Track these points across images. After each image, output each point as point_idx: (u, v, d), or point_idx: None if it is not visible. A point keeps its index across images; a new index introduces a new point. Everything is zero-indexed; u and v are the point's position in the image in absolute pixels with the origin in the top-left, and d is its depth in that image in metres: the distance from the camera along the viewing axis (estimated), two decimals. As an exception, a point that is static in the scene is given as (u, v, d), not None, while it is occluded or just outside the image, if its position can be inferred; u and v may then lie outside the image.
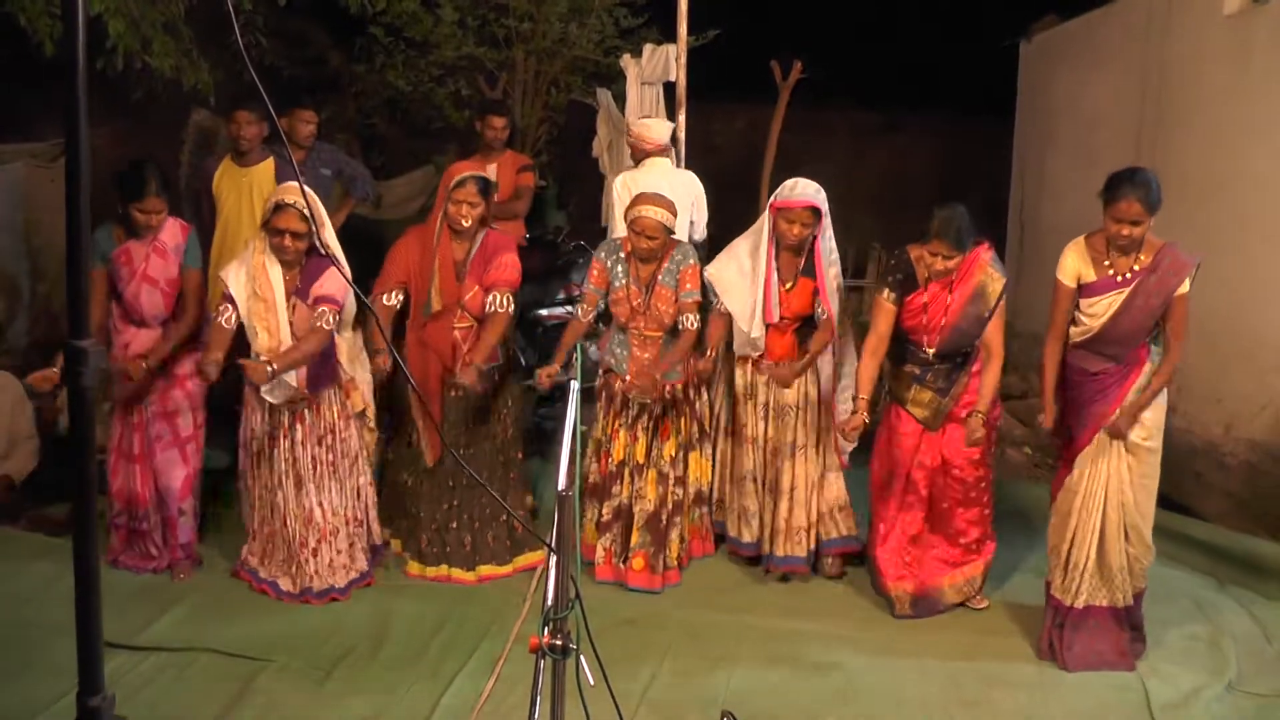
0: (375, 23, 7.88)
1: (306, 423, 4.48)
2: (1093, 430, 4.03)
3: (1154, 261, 3.90)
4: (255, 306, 4.34)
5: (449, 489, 4.77)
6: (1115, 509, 4.02)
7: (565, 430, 2.28)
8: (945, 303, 4.28)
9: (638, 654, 4.02)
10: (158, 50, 5.86)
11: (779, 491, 4.74)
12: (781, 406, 4.74)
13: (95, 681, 1.80)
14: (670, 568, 4.73)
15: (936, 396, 4.37)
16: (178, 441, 4.65)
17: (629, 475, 4.75)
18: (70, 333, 1.75)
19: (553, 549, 2.17)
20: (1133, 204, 3.82)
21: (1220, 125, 6.35)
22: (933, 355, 4.34)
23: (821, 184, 4.59)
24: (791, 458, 4.73)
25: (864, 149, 12.03)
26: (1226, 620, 4.43)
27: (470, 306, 4.63)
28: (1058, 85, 9.02)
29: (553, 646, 2.18)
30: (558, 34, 8.32)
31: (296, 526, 4.46)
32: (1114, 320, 3.93)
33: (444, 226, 4.63)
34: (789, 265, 4.68)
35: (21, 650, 3.93)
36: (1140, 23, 7.53)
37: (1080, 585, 4.07)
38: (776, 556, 4.76)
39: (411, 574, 4.73)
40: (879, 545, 4.54)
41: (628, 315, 4.71)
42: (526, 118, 8.52)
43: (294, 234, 4.29)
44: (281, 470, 4.47)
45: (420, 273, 4.64)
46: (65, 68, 1.66)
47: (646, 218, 4.55)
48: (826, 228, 4.61)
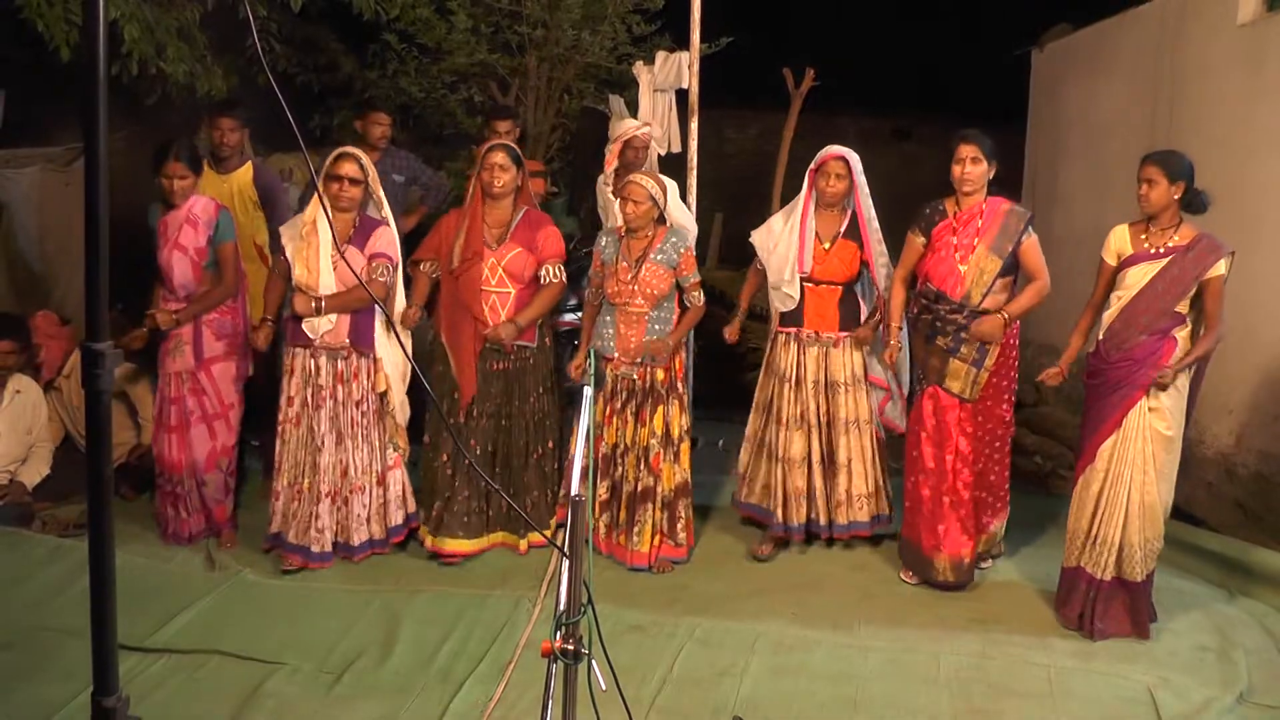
0: (388, 29, 7.91)
1: (347, 384, 4.76)
2: (1118, 417, 4.23)
3: (1191, 242, 4.17)
4: (299, 246, 4.69)
5: (487, 459, 4.97)
6: (1138, 490, 4.23)
7: (578, 436, 2.29)
8: (975, 230, 4.56)
9: (649, 660, 4.02)
10: (172, 56, 5.88)
11: (836, 465, 4.98)
12: (833, 383, 4.96)
13: (110, 682, 1.81)
14: (643, 550, 4.90)
15: (971, 368, 4.59)
16: (205, 418, 4.96)
17: (618, 458, 4.93)
18: (87, 335, 1.76)
19: (565, 553, 2.17)
20: (1148, 166, 4.18)
21: (1234, 134, 6.34)
22: (959, 303, 4.54)
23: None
24: (846, 434, 4.96)
25: (875, 156, 11.94)
26: (1237, 632, 4.40)
27: (512, 269, 4.85)
28: (1069, 94, 9.02)
29: (564, 651, 2.18)
30: (570, 41, 8.34)
31: (334, 477, 4.76)
32: (1147, 288, 4.18)
33: (477, 193, 4.92)
34: (828, 224, 4.95)
35: (35, 652, 3.95)
36: (1153, 31, 7.52)
37: (1108, 559, 4.30)
38: (839, 524, 5.02)
39: (446, 552, 4.90)
40: (923, 520, 4.74)
41: (615, 290, 4.87)
42: (539, 124, 8.54)
43: (351, 179, 4.66)
44: (324, 428, 4.73)
45: (448, 238, 4.94)
46: (84, 73, 1.67)
47: (634, 183, 4.81)
48: (862, 186, 4.89)
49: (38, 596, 4.34)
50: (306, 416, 4.76)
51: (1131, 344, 4.20)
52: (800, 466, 4.99)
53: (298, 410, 4.78)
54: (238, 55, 6.35)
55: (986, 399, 4.69)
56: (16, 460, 5.28)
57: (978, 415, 4.70)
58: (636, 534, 4.89)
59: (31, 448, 5.34)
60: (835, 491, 5.01)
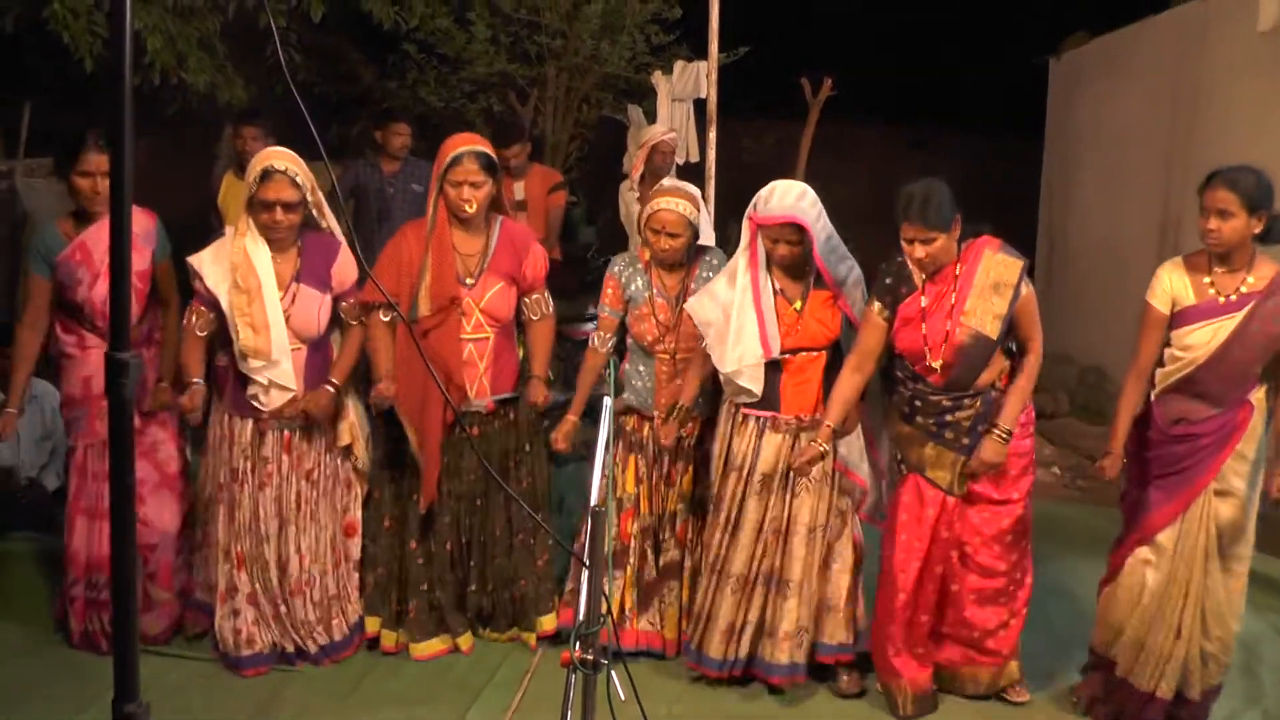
0: (408, 40, 7.95)
1: (294, 452, 3.83)
2: (1183, 502, 3.43)
3: (1272, 284, 3.29)
4: (236, 300, 3.65)
5: (458, 549, 4.04)
6: (1197, 595, 3.46)
7: (598, 445, 2.28)
8: (948, 306, 3.43)
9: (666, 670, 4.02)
10: (193, 66, 5.95)
11: (782, 584, 3.72)
12: (790, 475, 3.70)
13: (131, 689, 1.81)
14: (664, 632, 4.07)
15: (959, 457, 3.53)
16: (166, 480, 4.01)
17: (658, 532, 4.03)
18: (111, 344, 1.77)
19: (584, 563, 2.17)
20: (1219, 190, 3.24)
21: (1254, 144, 6.29)
22: (943, 386, 3.47)
23: (848, 200, 3.98)
24: (806, 542, 3.70)
25: (892, 166, 11.95)
26: (1262, 647, 4.35)
27: (493, 309, 3.86)
28: (1087, 103, 8.98)
29: (584, 661, 2.18)
30: (589, 51, 8.37)
31: (271, 575, 3.85)
32: (1221, 352, 3.30)
33: (440, 215, 3.83)
34: (792, 278, 3.73)
35: (55, 657, 3.97)
36: (1172, 40, 7.49)
37: (1165, 671, 3.52)
38: (777, 665, 3.74)
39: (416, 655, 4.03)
40: (889, 636, 3.68)
41: (655, 335, 3.90)
42: (557, 134, 8.57)
43: (285, 205, 3.63)
44: (267, 510, 3.81)
45: (409, 271, 3.83)
46: (110, 85, 1.68)
47: (665, 211, 3.77)
48: (821, 238, 3.60)
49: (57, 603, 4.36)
50: (249, 492, 3.80)
51: (1197, 417, 3.40)
52: (734, 585, 3.75)
53: (235, 487, 3.81)
54: (257, 65, 6.40)
55: (987, 491, 3.59)
56: (35, 465, 5.31)
57: (975, 513, 3.61)
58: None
59: (52, 451, 5.37)
60: (774, 618, 3.74)
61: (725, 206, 6.42)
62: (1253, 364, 3.34)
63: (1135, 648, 3.57)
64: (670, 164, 6.11)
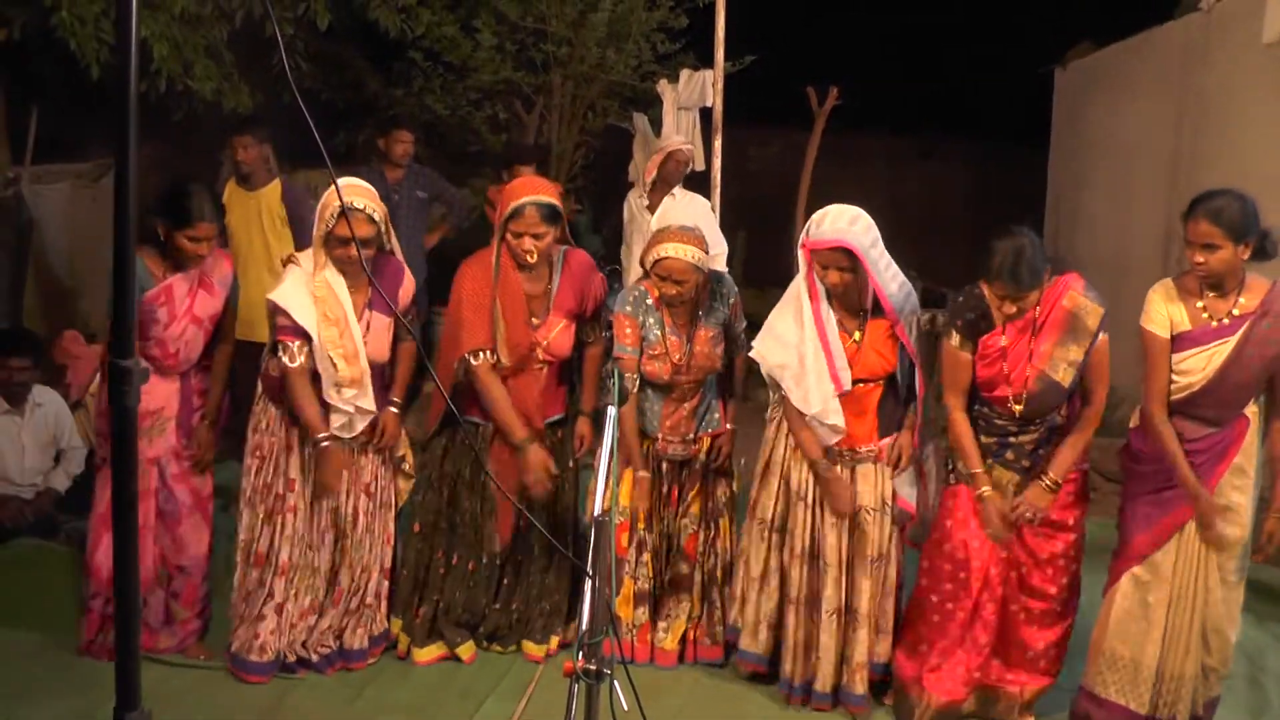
0: (414, 47, 7.97)
1: (354, 467, 3.86)
2: (1169, 524, 3.41)
3: (1264, 304, 3.26)
4: (327, 333, 3.66)
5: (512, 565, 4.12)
6: (1199, 611, 3.44)
7: (602, 453, 2.28)
8: (1028, 345, 3.42)
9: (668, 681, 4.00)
10: (199, 73, 5.96)
11: (851, 614, 3.71)
12: (858, 511, 3.69)
13: (133, 696, 1.81)
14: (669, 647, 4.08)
15: (1019, 479, 3.53)
16: (200, 504, 4.02)
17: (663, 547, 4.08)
18: (115, 351, 1.77)
19: (589, 573, 2.17)
20: (1201, 224, 3.20)
21: (1259, 156, 6.28)
22: (1018, 416, 3.45)
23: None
24: (870, 574, 3.69)
25: (898, 175, 12.02)
26: (1266, 657, 4.33)
27: (556, 348, 3.91)
28: (1093, 113, 8.98)
29: (587, 671, 2.18)
30: (595, 59, 8.37)
31: (319, 584, 3.90)
32: (1220, 375, 3.28)
33: (506, 264, 3.82)
34: (848, 308, 3.67)
35: (58, 664, 3.97)
36: (1177, 51, 7.48)
37: (1180, 694, 3.48)
38: (854, 694, 3.72)
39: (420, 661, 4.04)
40: (928, 668, 3.63)
41: (670, 372, 3.88)
42: (562, 142, 8.58)
43: (364, 241, 3.64)
44: (323, 521, 3.86)
45: (485, 314, 3.85)
46: (117, 92, 1.68)
47: (672, 259, 3.70)
48: (879, 265, 3.54)
49: (61, 608, 4.36)
50: (304, 509, 3.84)
51: (1193, 436, 3.36)
52: (807, 610, 3.78)
53: (289, 504, 3.82)
54: (264, 72, 6.42)
55: (1036, 538, 3.57)
56: (43, 471, 5.31)
57: (1029, 534, 3.57)
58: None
59: (60, 453, 5.35)
60: (848, 647, 3.74)
61: (732, 215, 6.44)
62: (1250, 386, 3.34)
63: (1132, 669, 3.51)
64: (682, 173, 6.14)
